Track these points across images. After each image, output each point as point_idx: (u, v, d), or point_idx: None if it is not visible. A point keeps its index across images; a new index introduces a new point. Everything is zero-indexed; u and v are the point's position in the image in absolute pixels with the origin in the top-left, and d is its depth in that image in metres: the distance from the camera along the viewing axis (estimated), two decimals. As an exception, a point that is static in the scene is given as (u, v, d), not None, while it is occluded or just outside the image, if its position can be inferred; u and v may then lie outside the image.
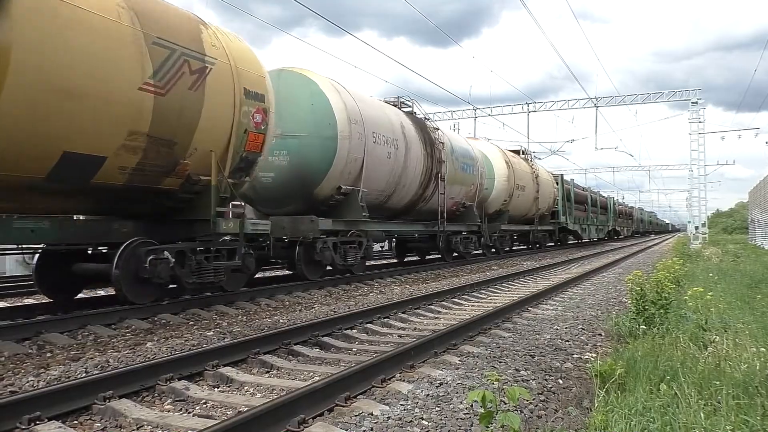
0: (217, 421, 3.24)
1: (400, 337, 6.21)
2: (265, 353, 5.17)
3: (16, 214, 6.36)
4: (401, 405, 3.75)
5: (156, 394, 4.14)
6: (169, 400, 4.05)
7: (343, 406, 3.71)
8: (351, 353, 5.48)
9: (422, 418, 3.53)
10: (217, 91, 7.51)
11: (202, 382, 4.46)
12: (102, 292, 8.95)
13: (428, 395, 3.95)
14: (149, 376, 4.23)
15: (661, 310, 6.02)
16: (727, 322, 5.75)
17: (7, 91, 5.32)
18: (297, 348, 5.48)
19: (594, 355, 5.32)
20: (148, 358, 4.93)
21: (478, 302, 9.01)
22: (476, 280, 11.42)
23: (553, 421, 3.61)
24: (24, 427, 3.31)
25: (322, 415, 3.61)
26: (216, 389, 4.33)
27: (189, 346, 5.45)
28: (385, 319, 7.13)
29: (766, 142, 54.65)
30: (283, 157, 10.65)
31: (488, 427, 2.66)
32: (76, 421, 3.60)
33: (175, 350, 5.30)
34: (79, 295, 8.21)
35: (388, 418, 3.50)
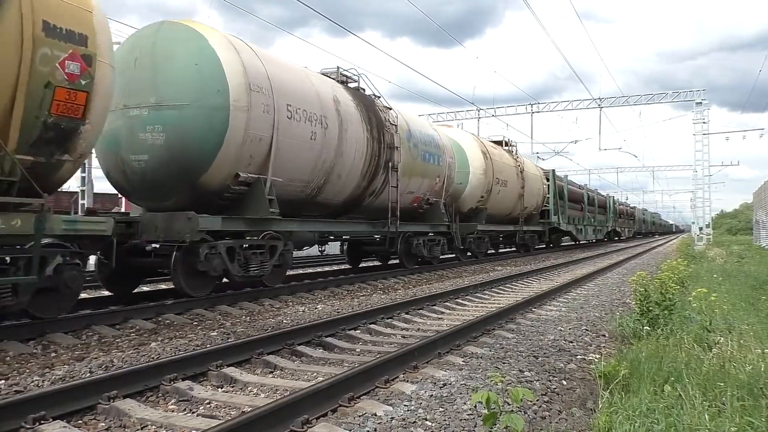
0: (221, 421, 3.25)
1: (404, 338, 6.22)
2: (269, 354, 5.19)
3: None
4: (405, 406, 3.75)
5: (160, 394, 4.15)
6: (173, 400, 4.06)
7: (347, 407, 3.72)
8: (354, 354, 5.49)
9: (426, 419, 3.53)
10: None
11: (206, 383, 4.47)
12: (106, 293, 8.95)
13: (432, 396, 3.95)
14: (153, 376, 4.24)
15: (666, 311, 6.00)
16: (732, 323, 5.74)
17: None
18: (300, 348, 5.49)
19: (598, 356, 5.32)
20: (152, 359, 4.95)
21: (482, 303, 9.01)
22: (480, 280, 11.42)
23: (557, 423, 3.61)
24: (29, 427, 3.32)
25: (325, 415, 3.62)
26: (220, 389, 4.34)
27: (193, 347, 5.47)
28: (389, 320, 7.14)
29: (771, 143, 54.40)
30: (157, 134, 8.03)
31: (492, 429, 2.67)
32: (80, 421, 3.61)
33: (179, 350, 5.31)
34: (81, 295, 8.20)
35: (392, 419, 3.50)
